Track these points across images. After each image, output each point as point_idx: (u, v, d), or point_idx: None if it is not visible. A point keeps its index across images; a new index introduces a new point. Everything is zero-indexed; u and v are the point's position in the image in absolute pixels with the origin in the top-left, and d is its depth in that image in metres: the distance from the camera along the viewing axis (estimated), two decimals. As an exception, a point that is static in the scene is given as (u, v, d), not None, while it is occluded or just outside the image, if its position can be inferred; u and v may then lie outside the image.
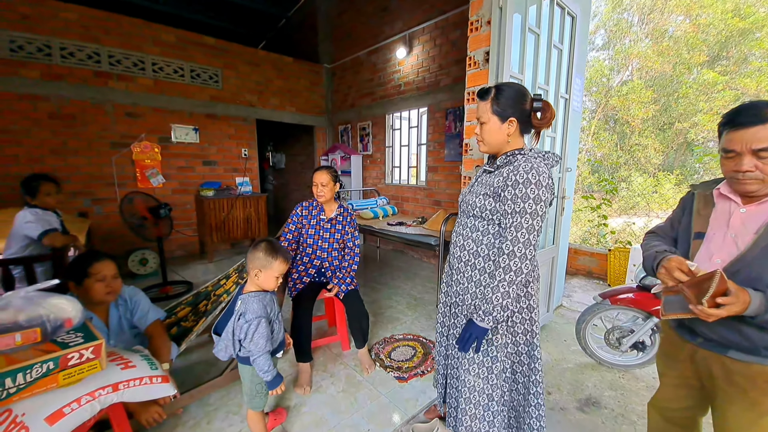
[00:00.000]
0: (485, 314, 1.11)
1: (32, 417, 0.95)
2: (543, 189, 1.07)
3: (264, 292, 1.38)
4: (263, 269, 1.34)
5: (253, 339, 1.30)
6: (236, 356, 1.42)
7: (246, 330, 1.30)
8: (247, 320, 1.30)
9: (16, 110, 3.47)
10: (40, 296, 1.08)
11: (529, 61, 2.08)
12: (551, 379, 2.08)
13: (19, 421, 0.93)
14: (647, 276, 2.03)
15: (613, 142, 11.74)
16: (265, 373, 1.34)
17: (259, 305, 1.33)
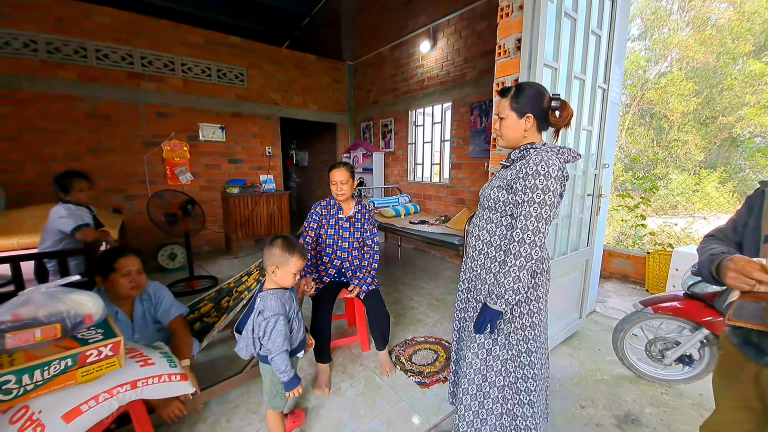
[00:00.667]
0: (498, 297, 1.16)
1: (49, 414, 0.95)
2: (552, 180, 1.11)
3: (283, 290, 1.35)
4: (280, 266, 1.31)
5: (270, 337, 1.27)
6: (257, 355, 1.40)
7: (264, 327, 1.27)
8: (265, 318, 1.27)
9: (55, 110, 3.65)
10: (61, 292, 1.08)
11: (565, 49, 1.93)
12: (584, 392, 1.93)
13: (35, 418, 0.93)
14: (699, 283, 1.84)
15: (649, 138, 11.04)
16: (282, 374, 1.31)
17: (277, 302, 1.29)
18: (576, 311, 2.53)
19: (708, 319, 1.77)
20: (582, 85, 2.11)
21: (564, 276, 2.26)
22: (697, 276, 1.85)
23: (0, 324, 0.98)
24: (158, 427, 1.60)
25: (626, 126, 11.51)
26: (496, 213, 1.27)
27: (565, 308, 2.39)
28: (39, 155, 3.62)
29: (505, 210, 1.23)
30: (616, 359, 2.15)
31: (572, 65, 1.98)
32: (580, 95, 2.12)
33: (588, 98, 2.18)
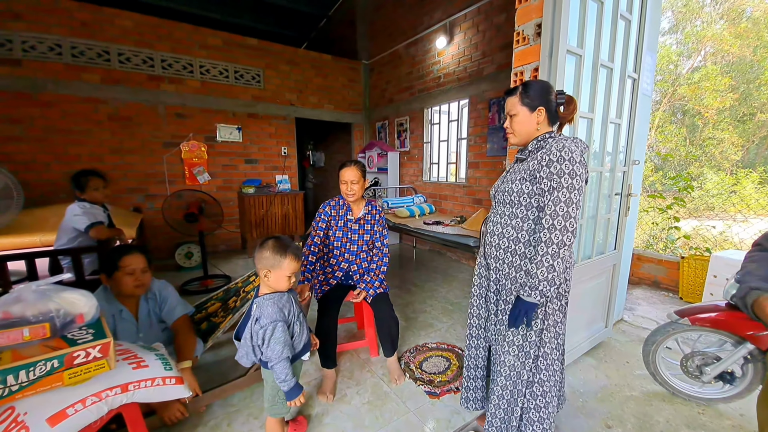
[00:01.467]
0: (531, 289, 1.13)
1: (34, 416, 0.92)
2: (577, 164, 1.10)
3: (280, 293, 1.28)
4: (272, 269, 1.24)
5: (269, 345, 1.20)
6: (259, 360, 1.34)
7: (262, 336, 1.21)
8: (262, 326, 1.20)
9: (79, 112, 3.78)
10: (52, 290, 1.05)
11: (590, 35, 1.78)
12: (611, 409, 1.77)
13: (20, 420, 0.90)
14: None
15: (682, 136, 10.41)
16: (282, 383, 1.24)
17: (273, 308, 1.22)
18: (602, 320, 2.35)
19: (753, 332, 1.57)
20: (610, 74, 1.94)
21: (589, 281, 2.09)
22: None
23: (-10, 322, 0.96)
24: (158, 429, 1.57)
25: (656, 124, 10.91)
26: (521, 207, 1.23)
27: (590, 316, 2.21)
28: (64, 156, 3.75)
29: (530, 203, 1.20)
30: (647, 374, 1.97)
31: (598, 52, 1.82)
32: (607, 85, 1.95)
33: (616, 89, 2.01)
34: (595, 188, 2.02)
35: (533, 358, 1.28)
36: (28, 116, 3.59)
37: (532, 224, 1.21)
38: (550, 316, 1.26)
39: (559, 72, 1.60)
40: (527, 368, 1.28)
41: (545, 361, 1.29)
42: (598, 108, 1.89)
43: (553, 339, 1.29)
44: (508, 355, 1.29)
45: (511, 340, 1.28)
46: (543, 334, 1.27)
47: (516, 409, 1.32)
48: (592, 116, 1.86)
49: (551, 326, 1.27)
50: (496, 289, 1.35)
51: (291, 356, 1.28)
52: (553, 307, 1.26)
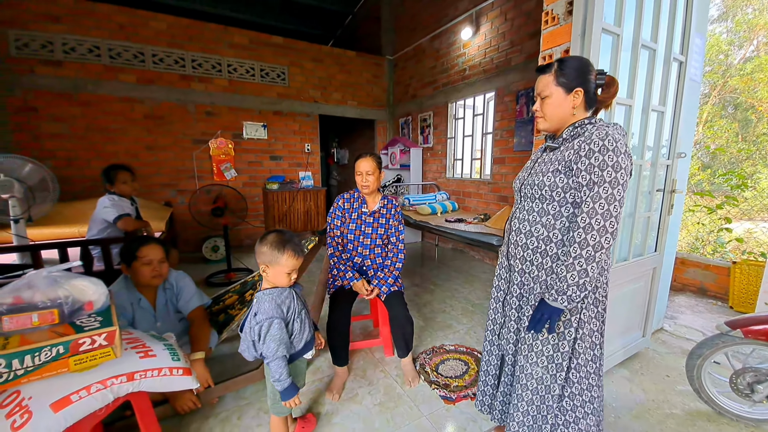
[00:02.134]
0: (558, 293, 1.01)
1: (38, 402, 0.93)
2: (622, 155, 0.97)
3: (280, 289, 1.24)
4: (270, 265, 1.19)
5: (265, 342, 1.16)
6: (260, 355, 1.31)
7: (258, 331, 1.17)
8: (258, 321, 1.17)
9: (116, 111, 3.98)
10: (63, 277, 1.07)
11: (630, 12, 1.60)
12: (648, 428, 1.59)
13: (24, 404, 0.91)
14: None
15: (733, 132, 9.50)
16: (276, 382, 1.20)
17: (270, 305, 1.18)
18: (639, 328, 2.14)
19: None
20: (652, 56, 1.75)
21: (624, 286, 1.91)
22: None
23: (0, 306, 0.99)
24: (171, 418, 1.59)
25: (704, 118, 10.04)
26: (553, 202, 1.09)
27: (625, 324, 2.02)
28: (103, 152, 3.97)
29: (564, 197, 1.07)
30: (690, 390, 1.77)
31: (639, 31, 1.64)
32: (649, 68, 1.76)
33: (659, 72, 1.81)
34: (634, 184, 1.83)
35: (565, 370, 1.15)
36: (70, 115, 3.83)
37: (566, 221, 1.08)
38: (586, 324, 1.13)
39: (593, 53, 1.45)
40: (558, 382, 1.16)
41: (578, 374, 1.16)
42: (638, 94, 1.71)
43: (589, 350, 1.15)
44: (536, 366, 1.16)
45: (540, 350, 1.15)
46: (577, 343, 1.14)
47: (545, 426, 1.19)
48: (631, 103, 1.68)
49: (586, 335, 1.14)
50: (519, 294, 1.22)
51: (288, 355, 1.24)
52: (589, 315, 1.12)
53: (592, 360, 1.16)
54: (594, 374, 1.17)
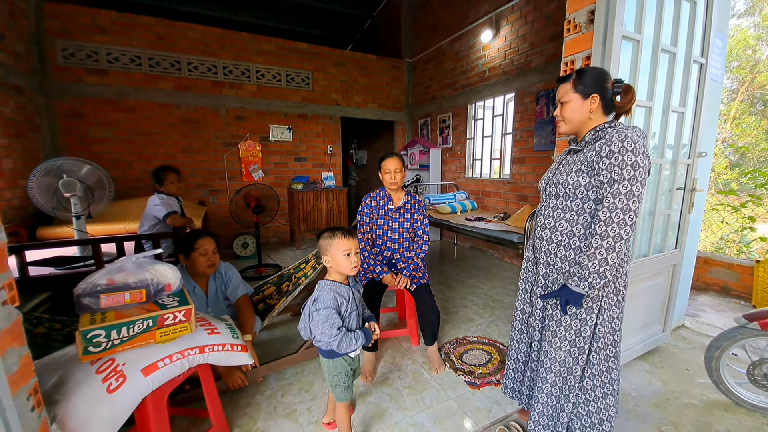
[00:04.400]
0: (580, 280, 1.11)
1: (131, 367, 1.10)
2: (640, 155, 1.06)
3: (339, 284, 1.32)
4: (328, 252, 1.31)
5: (322, 329, 1.24)
6: (319, 350, 1.38)
7: (315, 317, 1.26)
8: (317, 308, 1.27)
9: (157, 116, 4.28)
10: (148, 262, 1.26)
11: (650, 18, 1.68)
12: (666, 415, 1.67)
13: (119, 369, 1.09)
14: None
15: (762, 129, 9.13)
16: (356, 347, 1.30)
17: (329, 295, 1.28)
18: (659, 323, 2.20)
19: None
20: (672, 59, 1.82)
21: (645, 281, 1.98)
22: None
23: (97, 286, 1.18)
24: (223, 393, 1.77)
25: (732, 115, 9.69)
26: (576, 200, 1.20)
27: (645, 318, 2.09)
28: (144, 155, 4.27)
29: (587, 195, 1.17)
30: (708, 382, 1.82)
31: (659, 36, 1.71)
32: (669, 71, 1.83)
33: (679, 75, 1.88)
34: (654, 182, 1.90)
35: (586, 353, 1.25)
36: (115, 120, 4.14)
37: (588, 217, 1.17)
38: (606, 311, 1.22)
39: (614, 59, 1.55)
40: (580, 364, 1.25)
41: (598, 356, 1.25)
42: (657, 96, 1.78)
43: (608, 334, 1.25)
44: (559, 350, 1.25)
45: (563, 335, 1.24)
46: (597, 328, 1.24)
47: (567, 404, 1.29)
48: (651, 105, 1.76)
49: (606, 321, 1.23)
50: (544, 284, 1.32)
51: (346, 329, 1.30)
52: (609, 302, 1.22)
53: (612, 344, 1.25)
54: (613, 358, 1.26)
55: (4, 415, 0.81)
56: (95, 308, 1.13)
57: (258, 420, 1.63)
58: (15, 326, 0.88)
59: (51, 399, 1.04)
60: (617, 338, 1.26)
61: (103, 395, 1.03)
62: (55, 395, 1.04)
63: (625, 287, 1.25)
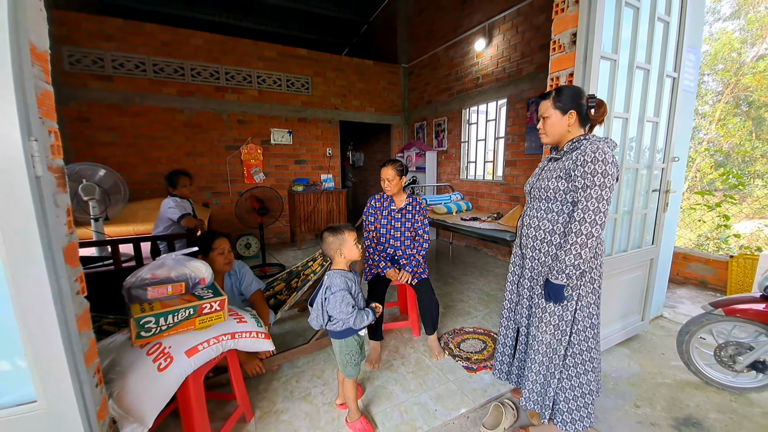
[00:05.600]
0: (558, 272, 1.29)
1: (176, 349, 1.26)
2: (609, 165, 1.23)
3: (347, 271, 1.53)
4: (342, 246, 1.50)
5: (340, 308, 1.44)
6: (326, 330, 1.57)
7: (332, 300, 1.46)
8: (333, 291, 1.46)
9: (160, 121, 4.40)
10: (185, 259, 1.42)
11: (626, 39, 1.89)
12: (642, 393, 1.88)
13: (167, 351, 1.25)
14: (780, 285, 1.69)
15: (747, 130, 9.52)
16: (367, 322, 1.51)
17: (341, 279, 1.48)
18: (638, 313, 2.42)
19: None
20: (646, 75, 2.03)
21: (624, 274, 2.19)
22: (779, 277, 1.71)
23: (144, 280, 1.34)
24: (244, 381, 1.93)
25: (717, 116, 10.07)
26: (557, 203, 1.36)
27: (625, 308, 2.30)
28: (149, 159, 4.39)
29: (566, 198, 1.33)
30: (681, 365, 2.03)
31: (634, 55, 1.92)
32: (644, 85, 2.04)
33: (654, 88, 2.09)
34: (631, 184, 2.11)
35: (568, 335, 1.43)
36: (120, 125, 4.25)
37: (566, 218, 1.34)
38: (584, 297, 1.41)
39: (593, 77, 1.74)
40: (563, 344, 1.43)
41: (578, 337, 1.44)
42: (633, 108, 1.99)
43: (587, 318, 1.43)
44: (545, 334, 1.42)
45: (548, 320, 1.40)
46: (576, 313, 1.42)
47: (552, 380, 1.46)
48: (627, 116, 1.97)
49: (584, 307, 1.41)
50: (530, 276, 1.50)
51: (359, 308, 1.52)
52: (587, 290, 1.40)
53: (590, 327, 1.44)
54: (592, 339, 1.45)
55: (82, 388, 0.97)
56: (143, 299, 1.29)
57: (277, 402, 1.79)
58: (85, 313, 1.04)
59: (106, 378, 1.19)
60: (595, 321, 1.45)
61: (155, 374, 1.19)
62: (110, 375, 1.20)
63: (600, 277, 1.43)
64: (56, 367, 0.83)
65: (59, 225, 0.88)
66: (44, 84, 0.86)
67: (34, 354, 0.81)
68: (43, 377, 0.83)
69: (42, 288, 0.78)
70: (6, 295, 0.77)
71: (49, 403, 0.84)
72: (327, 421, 1.66)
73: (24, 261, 0.76)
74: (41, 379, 0.83)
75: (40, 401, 0.83)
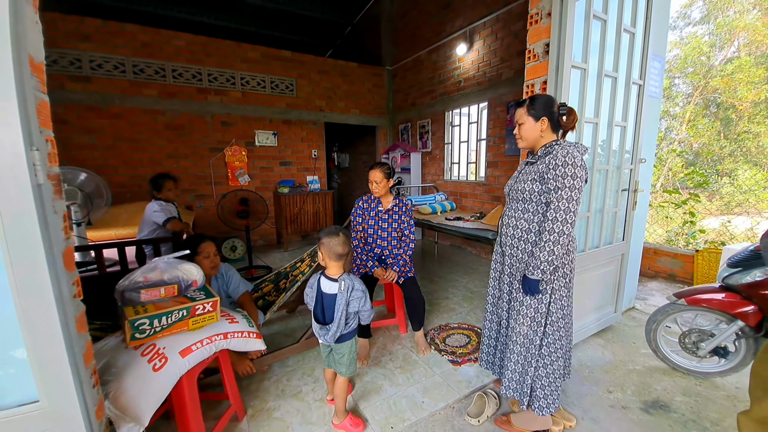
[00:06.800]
0: (534, 268, 1.39)
1: (170, 350, 1.29)
2: (578, 168, 1.33)
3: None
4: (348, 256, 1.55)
5: (367, 306, 1.57)
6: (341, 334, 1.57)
7: (363, 300, 1.55)
8: (362, 290, 1.55)
9: (141, 123, 4.32)
10: (177, 262, 1.45)
11: (594, 50, 2.02)
12: (614, 379, 2.01)
13: (161, 352, 1.28)
14: (734, 274, 1.85)
15: (715, 131, 10.08)
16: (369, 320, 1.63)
17: (357, 280, 1.56)
18: (611, 305, 2.57)
19: (744, 310, 1.78)
20: (614, 83, 2.17)
21: (597, 269, 2.33)
22: (732, 268, 1.87)
23: (137, 283, 1.36)
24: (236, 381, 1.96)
25: (687, 118, 10.61)
26: (532, 203, 1.46)
27: (598, 301, 2.44)
28: (129, 161, 4.31)
29: (540, 199, 1.43)
30: (650, 352, 2.19)
31: (603, 64, 2.06)
32: (612, 92, 2.18)
33: (621, 95, 2.24)
34: (603, 184, 2.25)
35: (543, 326, 1.54)
36: (99, 127, 4.15)
37: (541, 217, 1.43)
38: (557, 291, 1.51)
39: (564, 84, 1.86)
40: (538, 335, 1.54)
41: (552, 328, 1.54)
42: (603, 113, 2.13)
43: (559, 310, 1.53)
44: (522, 326, 1.54)
45: (525, 313, 1.53)
46: (551, 306, 1.52)
47: (530, 369, 1.56)
48: (597, 121, 2.10)
49: (557, 299, 1.52)
50: (510, 272, 1.60)
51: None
52: (559, 284, 1.51)
53: (563, 318, 1.54)
54: (564, 328, 1.56)
55: (82, 387, 1.00)
56: (137, 301, 1.31)
57: (268, 401, 1.83)
58: (82, 316, 1.07)
59: (102, 380, 1.21)
60: (566, 312, 1.56)
61: (150, 374, 1.22)
62: (106, 376, 1.22)
63: (572, 272, 1.54)
64: (58, 368, 0.86)
65: (58, 230, 0.91)
66: (41, 94, 0.89)
67: (37, 356, 0.83)
68: (45, 378, 0.85)
69: (45, 292, 0.81)
70: (9, 299, 0.80)
71: (51, 403, 0.87)
72: (319, 417, 1.72)
73: (28, 266, 0.79)
74: (43, 379, 0.85)
75: (42, 401, 0.86)
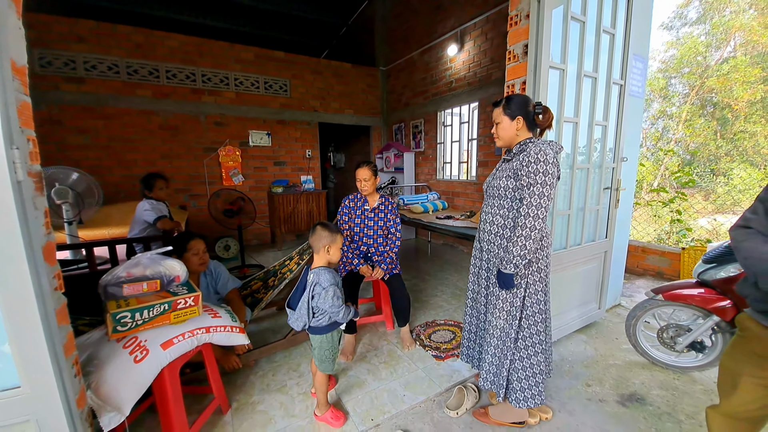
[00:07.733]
0: (507, 263, 1.42)
1: (152, 342, 1.33)
2: (549, 165, 1.37)
3: (331, 268, 1.61)
4: (332, 244, 1.57)
5: (332, 303, 1.51)
6: (308, 327, 1.61)
7: (324, 295, 1.51)
8: (324, 287, 1.52)
9: (135, 123, 4.36)
10: (160, 258, 1.49)
11: (573, 50, 2.06)
12: (594, 373, 2.05)
13: (143, 345, 1.32)
14: (709, 270, 1.89)
15: (711, 130, 10.14)
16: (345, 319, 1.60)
17: (330, 275, 1.55)
18: (595, 301, 2.61)
19: (720, 304, 1.82)
20: (594, 83, 2.22)
21: (579, 265, 2.37)
22: (707, 264, 1.91)
23: (119, 278, 1.40)
24: (222, 376, 1.99)
25: (683, 117, 10.67)
26: (507, 200, 1.49)
27: (581, 297, 2.49)
28: (123, 161, 4.35)
29: (514, 195, 1.46)
30: (631, 347, 2.23)
31: (582, 65, 2.10)
32: (592, 92, 2.22)
33: (602, 94, 2.28)
34: (583, 183, 2.29)
35: (518, 319, 1.57)
36: (93, 127, 4.19)
37: (515, 213, 1.47)
38: (531, 285, 1.54)
39: (542, 85, 1.91)
40: (514, 328, 1.57)
41: (528, 321, 1.57)
42: (583, 113, 2.17)
43: (535, 304, 1.57)
44: (499, 319, 1.57)
45: (501, 307, 1.56)
46: (525, 300, 1.55)
47: (505, 362, 1.60)
48: (577, 120, 2.14)
49: (533, 293, 1.55)
50: (487, 267, 1.63)
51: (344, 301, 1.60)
52: (534, 279, 1.54)
53: (539, 312, 1.58)
54: (541, 322, 1.60)
55: (62, 375, 1.04)
56: (119, 296, 1.35)
57: (253, 395, 1.87)
58: (63, 308, 1.11)
59: (85, 371, 1.25)
60: (543, 308, 1.59)
61: (131, 365, 1.26)
62: (88, 368, 1.26)
63: (547, 267, 1.57)
64: (38, 356, 0.90)
65: (38, 226, 0.95)
66: (23, 96, 0.93)
67: (18, 344, 0.87)
68: (26, 365, 0.89)
69: (25, 284, 0.85)
70: (-11, 290, 0.84)
71: (32, 388, 0.91)
72: (301, 410, 1.76)
73: (8, 259, 0.83)
74: (24, 366, 0.89)
75: (23, 387, 0.90)
